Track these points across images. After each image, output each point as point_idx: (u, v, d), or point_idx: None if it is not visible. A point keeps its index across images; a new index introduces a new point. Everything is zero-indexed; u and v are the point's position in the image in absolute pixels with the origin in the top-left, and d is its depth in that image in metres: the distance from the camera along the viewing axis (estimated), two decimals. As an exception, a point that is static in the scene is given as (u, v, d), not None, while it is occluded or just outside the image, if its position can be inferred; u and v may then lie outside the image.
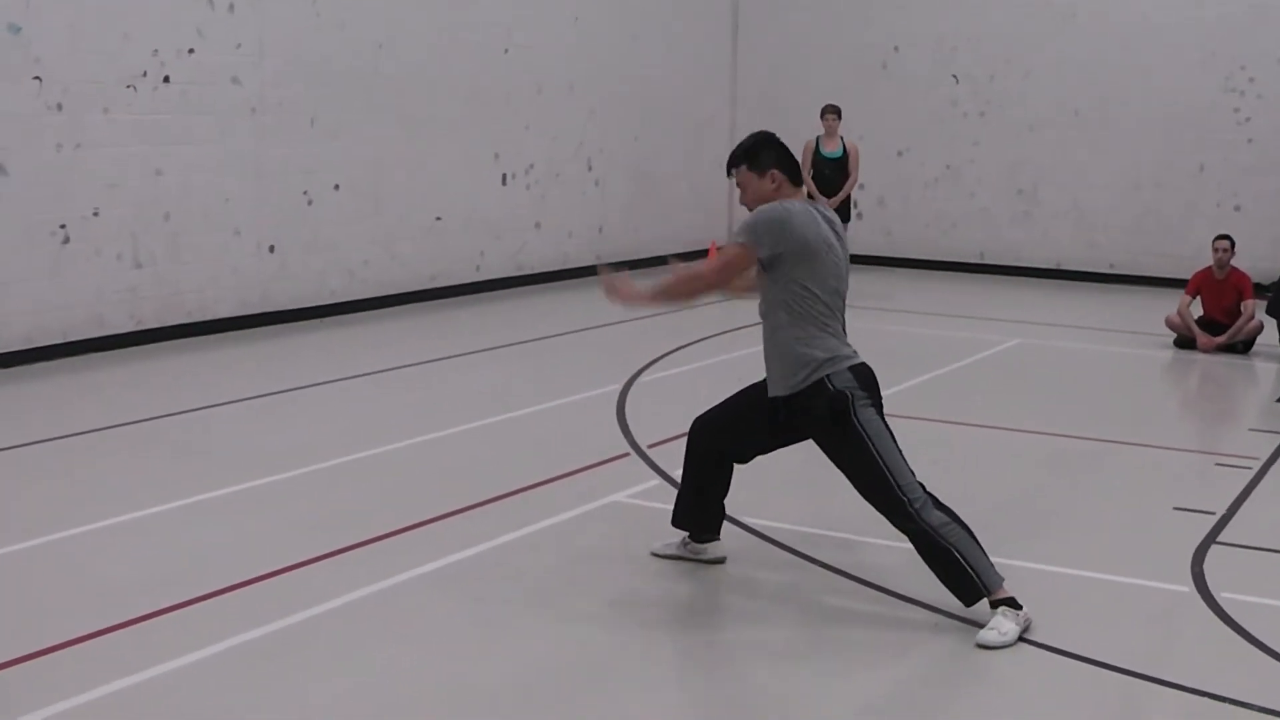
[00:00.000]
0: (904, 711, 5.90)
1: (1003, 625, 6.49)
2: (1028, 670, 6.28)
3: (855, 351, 6.86)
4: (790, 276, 6.67)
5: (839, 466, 6.90)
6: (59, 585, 7.05)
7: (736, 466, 7.35)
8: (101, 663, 6.06)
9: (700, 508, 7.38)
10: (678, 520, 7.44)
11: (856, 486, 6.87)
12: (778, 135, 7.10)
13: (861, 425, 6.69)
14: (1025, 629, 6.55)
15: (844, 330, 6.88)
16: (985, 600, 6.62)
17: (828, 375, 6.69)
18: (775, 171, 6.90)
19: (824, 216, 6.86)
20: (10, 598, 6.88)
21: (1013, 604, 6.58)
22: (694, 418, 7.33)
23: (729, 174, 7.09)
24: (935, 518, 6.67)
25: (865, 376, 6.80)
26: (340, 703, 5.76)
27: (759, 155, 6.94)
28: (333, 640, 6.40)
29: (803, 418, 6.82)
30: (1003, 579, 6.67)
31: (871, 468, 6.71)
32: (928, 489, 6.77)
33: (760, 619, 6.83)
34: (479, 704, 5.79)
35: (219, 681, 5.94)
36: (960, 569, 6.63)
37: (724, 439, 7.23)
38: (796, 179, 6.97)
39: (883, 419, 6.80)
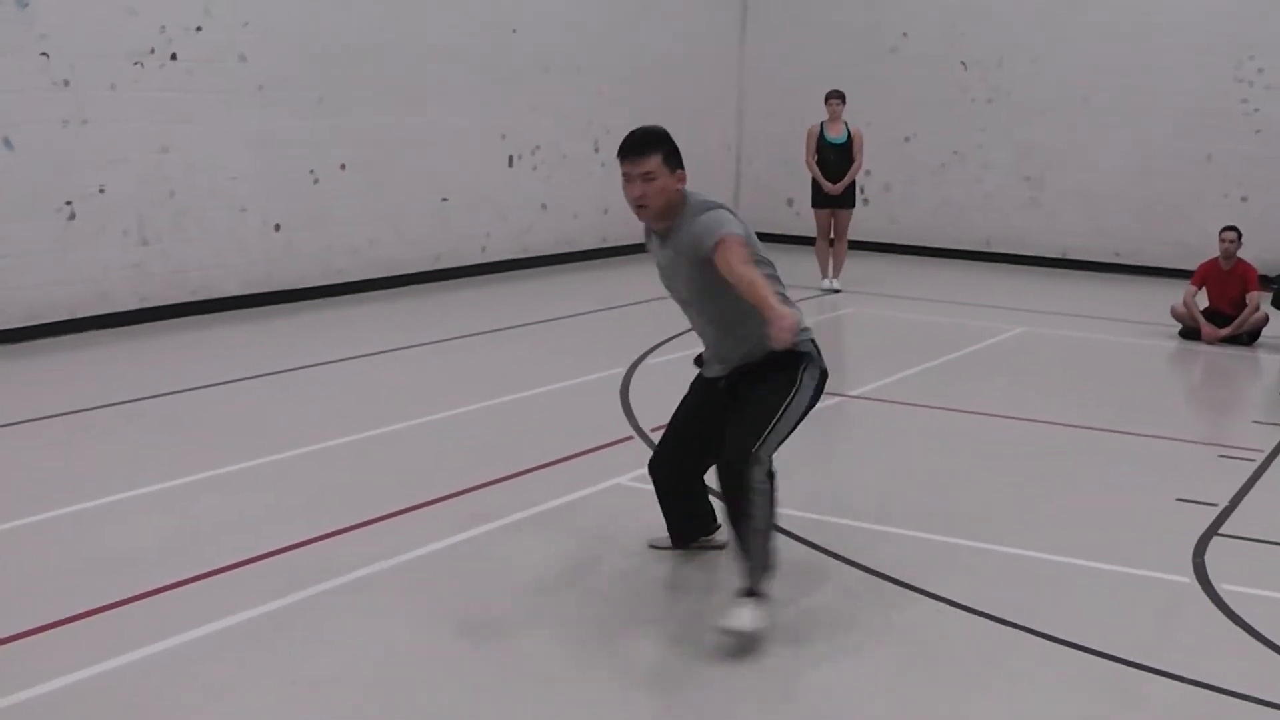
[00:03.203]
0: (902, 697, 5.89)
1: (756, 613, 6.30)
2: (1027, 658, 6.28)
3: None
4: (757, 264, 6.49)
5: (740, 402, 6.62)
6: (62, 560, 7.07)
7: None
8: (105, 638, 6.08)
9: (690, 522, 7.33)
10: (677, 542, 7.37)
11: (733, 420, 6.57)
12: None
13: (800, 381, 6.59)
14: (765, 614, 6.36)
15: None
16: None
17: (804, 348, 6.61)
18: (682, 171, 6.68)
19: None
20: (14, 573, 6.89)
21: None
22: (649, 463, 7.24)
23: (631, 158, 6.63)
24: (761, 487, 6.37)
25: (817, 349, 6.75)
26: (342, 677, 5.77)
27: (674, 150, 6.68)
28: (336, 617, 6.41)
29: (758, 366, 6.61)
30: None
31: (765, 413, 6.51)
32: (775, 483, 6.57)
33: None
34: (479, 678, 5.81)
35: (222, 656, 5.95)
36: (756, 547, 6.35)
37: (682, 465, 7.11)
38: None
39: (813, 398, 6.70)
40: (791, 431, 6.63)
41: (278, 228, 14.49)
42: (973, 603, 6.79)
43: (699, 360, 7.08)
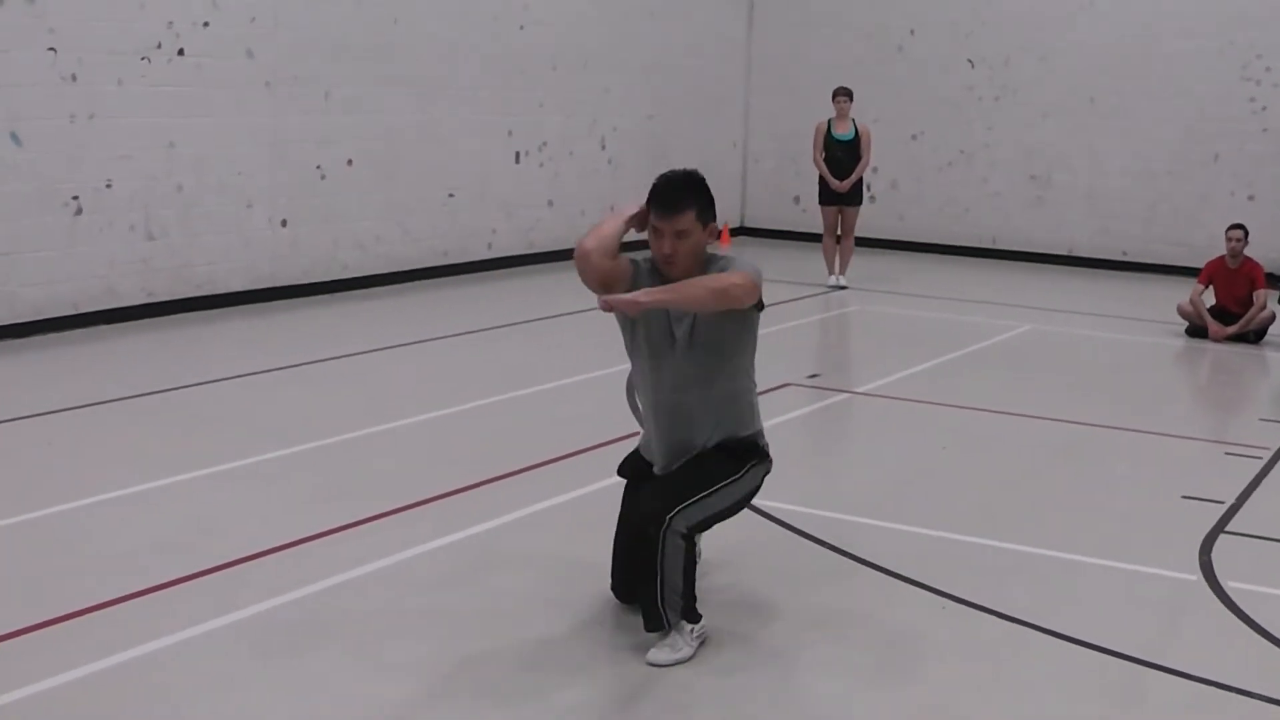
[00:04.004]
0: (906, 695, 5.88)
1: (676, 642, 6.09)
2: (1033, 655, 6.28)
3: None
4: (753, 333, 6.23)
5: (684, 468, 6.25)
6: (67, 555, 7.07)
7: None
8: (108, 633, 6.08)
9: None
10: None
11: (668, 482, 6.20)
12: None
13: (745, 472, 6.22)
14: (701, 642, 6.19)
15: None
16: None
17: (755, 435, 6.30)
18: (714, 224, 6.20)
19: None
20: (20, 567, 6.89)
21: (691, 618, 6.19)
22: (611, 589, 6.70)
23: (664, 213, 6.07)
24: (674, 545, 5.98)
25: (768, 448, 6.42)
26: (341, 675, 5.78)
27: (710, 202, 6.15)
28: (338, 613, 6.41)
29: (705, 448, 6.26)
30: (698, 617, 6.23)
31: (699, 481, 6.10)
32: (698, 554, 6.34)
33: (762, 602, 6.82)
34: (487, 672, 5.82)
35: (222, 653, 5.97)
36: (653, 598, 6.06)
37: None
38: None
39: (750, 494, 6.34)
40: (719, 516, 6.20)
41: (284, 223, 14.49)
42: (978, 600, 6.79)
43: (624, 469, 6.71)
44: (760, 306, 6.13)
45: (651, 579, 6.07)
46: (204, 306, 13.67)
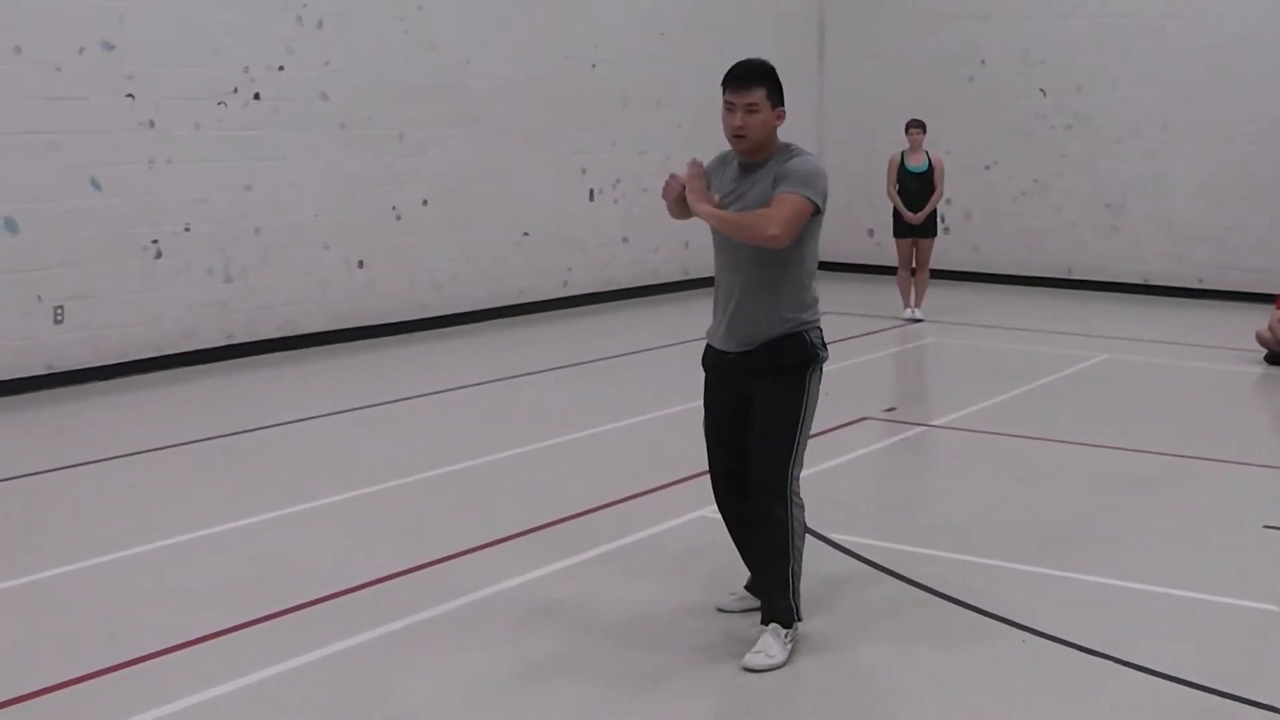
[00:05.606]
0: (989, 729, 5.87)
1: (771, 647, 6.33)
2: (1115, 688, 6.23)
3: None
4: (809, 231, 6.40)
5: (757, 418, 6.46)
6: (145, 598, 7.14)
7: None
8: (187, 673, 6.14)
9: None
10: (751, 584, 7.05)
11: (757, 448, 6.43)
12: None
13: (808, 389, 6.41)
14: (793, 645, 6.43)
15: None
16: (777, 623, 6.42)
17: (807, 329, 6.42)
18: (783, 109, 6.67)
19: None
20: (98, 610, 6.97)
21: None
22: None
23: (737, 88, 6.67)
24: (797, 516, 6.41)
25: (822, 337, 6.55)
26: (431, 713, 5.80)
27: (779, 87, 6.67)
28: (413, 654, 6.44)
29: (765, 365, 6.42)
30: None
31: (785, 439, 6.35)
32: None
33: (838, 635, 6.80)
34: (568, 713, 5.83)
35: (303, 693, 6.01)
36: (785, 584, 6.39)
37: (735, 485, 6.71)
38: None
39: (816, 397, 6.52)
40: (804, 443, 6.46)
41: (361, 264, 14.61)
42: (1059, 632, 6.74)
43: (705, 359, 6.94)
44: (817, 210, 6.38)
45: (776, 561, 6.36)
46: (282, 348, 13.81)
